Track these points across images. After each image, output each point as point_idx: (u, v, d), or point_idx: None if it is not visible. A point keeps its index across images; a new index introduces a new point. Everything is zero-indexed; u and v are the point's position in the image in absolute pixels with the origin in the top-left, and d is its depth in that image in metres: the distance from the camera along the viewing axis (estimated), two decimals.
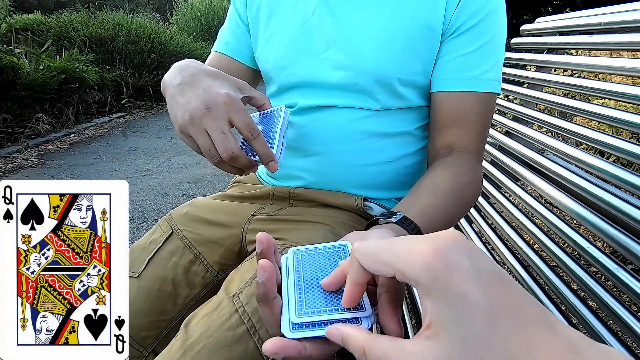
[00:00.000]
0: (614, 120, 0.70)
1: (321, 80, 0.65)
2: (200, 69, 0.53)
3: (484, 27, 0.61)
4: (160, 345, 0.63)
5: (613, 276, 0.60)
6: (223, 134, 0.47)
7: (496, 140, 1.14)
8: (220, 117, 0.47)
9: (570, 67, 0.93)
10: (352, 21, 0.63)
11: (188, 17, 9.68)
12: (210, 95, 0.48)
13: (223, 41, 0.77)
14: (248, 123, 0.48)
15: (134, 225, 2.29)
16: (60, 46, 5.13)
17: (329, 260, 0.38)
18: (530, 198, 0.89)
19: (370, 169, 0.67)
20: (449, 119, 0.63)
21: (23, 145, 3.49)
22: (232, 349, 0.47)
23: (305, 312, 0.33)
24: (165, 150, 3.76)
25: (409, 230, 0.47)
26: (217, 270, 0.68)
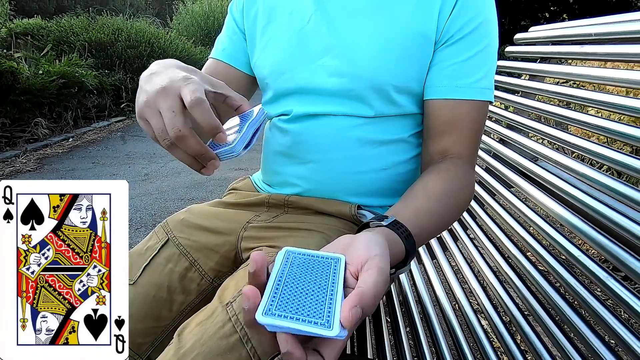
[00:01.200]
0: (605, 130, 0.71)
1: (317, 86, 0.66)
2: (175, 63, 0.53)
3: (477, 35, 0.62)
4: (155, 351, 0.63)
5: (603, 284, 0.60)
6: (173, 112, 0.45)
7: (491, 147, 1.15)
8: (172, 95, 0.46)
9: (563, 77, 0.95)
10: (347, 29, 0.64)
11: (188, 21, 9.72)
12: (170, 79, 0.47)
13: (220, 48, 0.77)
14: (193, 90, 0.45)
15: (132, 230, 2.29)
16: (59, 51, 5.15)
17: (317, 269, 0.39)
18: (524, 206, 0.90)
19: (364, 176, 0.68)
20: (442, 126, 0.64)
21: (22, 149, 3.49)
22: (225, 357, 0.48)
23: (272, 312, 0.34)
24: (163, 155, 3.76)
25: (400, 233, 0.48)
26: (212, 277, 0.68)
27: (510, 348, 0.73)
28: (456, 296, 0.92)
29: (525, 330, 0.72)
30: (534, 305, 0.74)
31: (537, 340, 0.70)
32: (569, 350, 0.63)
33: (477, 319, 0.83)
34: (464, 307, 0.87)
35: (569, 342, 0.65)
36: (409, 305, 0.92)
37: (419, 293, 0.97)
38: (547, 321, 0.69)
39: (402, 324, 0.85)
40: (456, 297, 0.92)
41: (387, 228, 0.48)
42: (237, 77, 0.76)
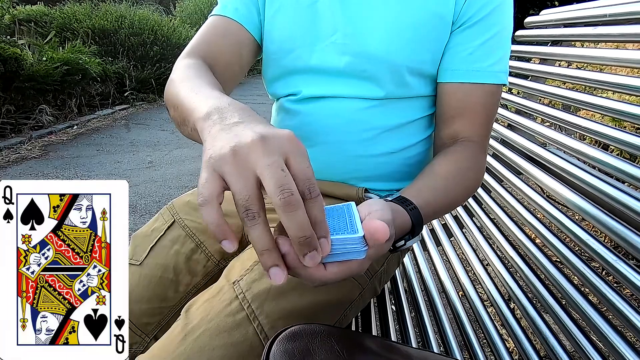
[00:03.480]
0: (617, 112, 0.69)
1: (328, 66, 0.64)
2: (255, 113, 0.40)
3: (494, 19, 0.62)
4: (162, 331, 0.64)
5: (615, 270, 0.59)
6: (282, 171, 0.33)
7: (499, 133, 1.13)
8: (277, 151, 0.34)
9: (575, 60, 0.92)
10: (361, 7, 0.62)
11: (191, 9, 9.64)
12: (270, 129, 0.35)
13: (231, 7, 0.66)
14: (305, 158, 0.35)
15: (136, 217, 2.30)
16: (63, 37, 5.12)
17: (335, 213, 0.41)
18: (533, 192, 0.88)
19: (373, 159, 0.67)
20: (455, 110, 0.64)
21: (27, 136, 3.49)
22: (231, 334, 0.48)
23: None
24: (167, 143, 3.76)
25: (402, 204, 0.49)
26: (218, 259, 0.68)
27: (518, 337, 0.72)
28: (461, 282, 0.91)
29: (533, 317, 0.71)
30: (542, 292, 0.73)
31: (546, 328, 0.69)
32: (578, 337, 0.62)
33: (482, 305, 0.83)
34: (470, 293, 0.87)
35: (577, 328, 0.64)
36: (413, 291, 0.92)
37: (424, 279, 0.97)
38: (557, 307, 0.68)
39: (407, 310, 0.85)
40: (461, 283, 0.91)
41: (393, 202, 0.49)
42: (249, 42, 0.67)
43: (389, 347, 0.41)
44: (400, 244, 0.48)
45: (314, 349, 0.36)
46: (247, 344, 0.48)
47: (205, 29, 0.67)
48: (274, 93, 0.73)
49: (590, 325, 0.61)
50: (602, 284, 0.61)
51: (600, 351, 0.59)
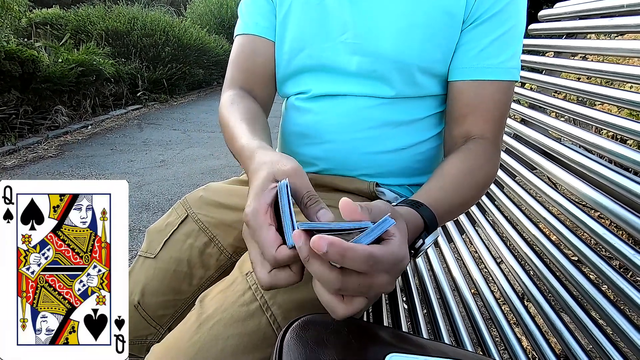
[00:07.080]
0: (635, 104, 0.67)
1: (338, 65, 0.64)
2: None
3: (506, 15, 0.61)
4: (176, 322, 0.65)
5: (635, 266, 0.57)
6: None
7: (512, 128, 1.11)
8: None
9: (590, 52, 0.90)
10: (371, 6, 0.62)
11: (201, 10, 9.69)
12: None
13: (251, 22, 0.68)
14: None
15: (149, 214, 2.32)
16: (77, 40, 5.21)
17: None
18: (548, 187, 0.86)
19: (383, 156, 0.66)
20: (467, 107, 0.62)
21: (43, 136, 3.56)
22: (245, 323, 0.49)
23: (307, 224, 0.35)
24: (179, 142, 3.80)
25: (411, 205, 0.49)
26: (230, 253, 0.69)
27: (534, 335, 0.71)
28: (474, 279, 0.90)
29: (549, 315, 0.70)
30: (559, 291, 0.71)
31: (562, 326, 0.67)
32: (596, 335, 0.61)
33: (496, 303, 0.81)
34: (483, 291, 0.85)
35: (595, 326, 0.62)
36: (425, 288, 0.91)
37: (436, 276, 0.96)
38: (575, 307, 0.67)
39: (419, 306, 0.84)
40: (474, 280, 0.90)
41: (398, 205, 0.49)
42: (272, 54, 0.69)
43: (402, 338, 0.40)
44: (419, 243, 0.48)
45: (327, 338, 0.36)
46: (261, 333, 0.48)
47: (235, 54, 0.70)
48: (284, 93, 0.73)
49: (609, 323, 0.59)
50: (621, 280, 0.59)
51: (620, 350, 0.58)
